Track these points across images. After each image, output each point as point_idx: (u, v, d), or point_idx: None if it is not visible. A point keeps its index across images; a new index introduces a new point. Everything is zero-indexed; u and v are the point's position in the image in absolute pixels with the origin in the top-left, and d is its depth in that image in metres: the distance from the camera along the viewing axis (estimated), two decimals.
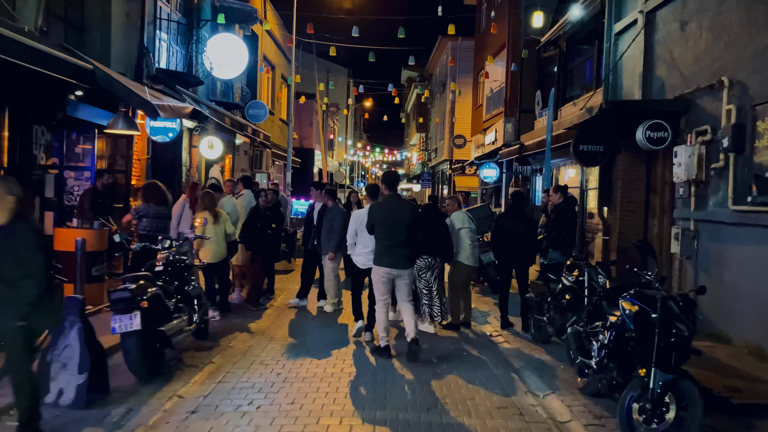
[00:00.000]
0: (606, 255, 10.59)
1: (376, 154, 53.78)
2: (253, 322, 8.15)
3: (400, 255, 6.47)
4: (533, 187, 17.19)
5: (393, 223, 6.47)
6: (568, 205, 8.90)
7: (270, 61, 21.42)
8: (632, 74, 9.85)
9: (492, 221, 11.12)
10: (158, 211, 7.99)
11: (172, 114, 9.36)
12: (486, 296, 10.89)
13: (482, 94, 23.89)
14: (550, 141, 10.83)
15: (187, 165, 13.47)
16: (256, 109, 17.48)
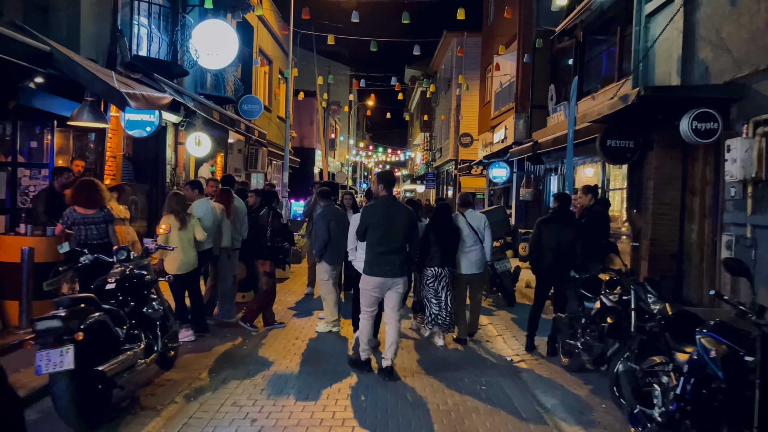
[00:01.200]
0: (635, 264, 9.42)
1: (379, 155, 52.61)
2: (235, 344, 7.01)
3: (394, 263, 5.81)
4: (547, 187, 16.02)
5: (388, 227, 5.81)
6: (604, 208, 7.74)
7: (267, 55, 20.30)
8: (668, 59, 8.69)
9: (507, 225, 9.98)
10: (85, 216, 6.32)
11: (147, 104, 8.24)
12: (500, 309, 9.73)
13: (490, 90, 22.74)
14: (573, 136, 9.70)
15: (172, 163, 12.35)
16: (250, 104, 16.36)
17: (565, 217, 7.02)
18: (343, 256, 7.77)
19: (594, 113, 8.79)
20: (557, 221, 6.97)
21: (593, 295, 5.94)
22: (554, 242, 6.86)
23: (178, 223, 6.99)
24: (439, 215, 7.47)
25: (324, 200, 7.94)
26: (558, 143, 12.95)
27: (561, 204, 7.04)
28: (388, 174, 6.36)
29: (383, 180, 6.11)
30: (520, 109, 18.02)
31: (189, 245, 7.02)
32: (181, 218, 7.01)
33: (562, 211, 7.03)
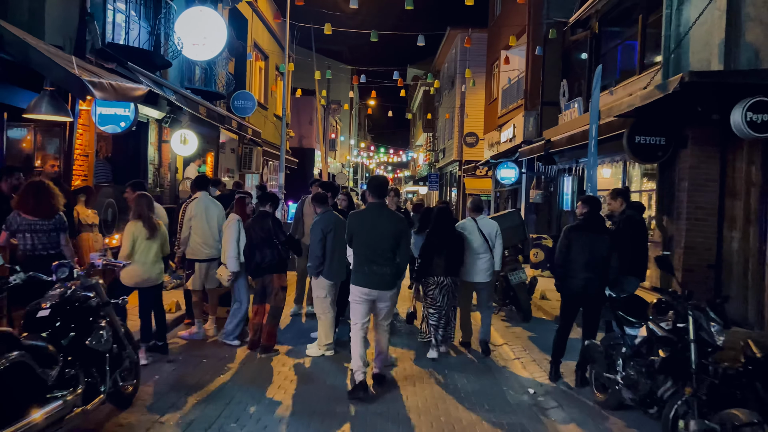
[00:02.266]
0: (665, 276, 8.41)
1: (381, 155, 51.63)
2: (210, 373, 6.01)
3: (379, 273, 5.48)
4: (560, 189, 15.02)
5: (371, 235, 5.50)
6: (638, 214, 6.72)
7: (262, 50, 19.32)
8: (706, 45, 7.69)
9: (523, 231, 8.98)
10: (32, 222, 5.39)
11: (116, 95, 7.25)
12: (515, 325, 8.73)
13: (497, 86, 21.74)
14: (596, 132, 8.70)
15: (155, 163, 11.36)
16: (243, 101, 15.39)
17: (597, 224, 6.02)
18: (344, 269, 6.80)
19: (623, 105, 7.78)
20: (589, 229, 5.96)
21: (637, 320, 4.93)
22: (586, 254, 5.84)
23: (147, 231, 6.01)
24: (439, 220, 6.98)
25: (320, 206, 6.93)
26: (573, 141, 11.96)
27: (591, 209, 6.02)
28: (377, 180, 5.90)
29: (371, 186, 5.75)
30: (530, 106, 17.03)
31: (157, 258, 6.06)
32: (149, 225, 6.04)
33: (593, 218, 6.02)
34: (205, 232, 7.27)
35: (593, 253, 5.87)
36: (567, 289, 6.01)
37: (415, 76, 44.91)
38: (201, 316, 7.30)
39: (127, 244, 5.95)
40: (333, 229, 6.68)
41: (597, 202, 6.11)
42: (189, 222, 7.26)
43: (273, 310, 6.61)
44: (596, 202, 6.11)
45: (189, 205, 7.38)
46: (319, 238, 6.58)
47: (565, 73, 15.59)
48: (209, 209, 7.37)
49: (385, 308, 5.63)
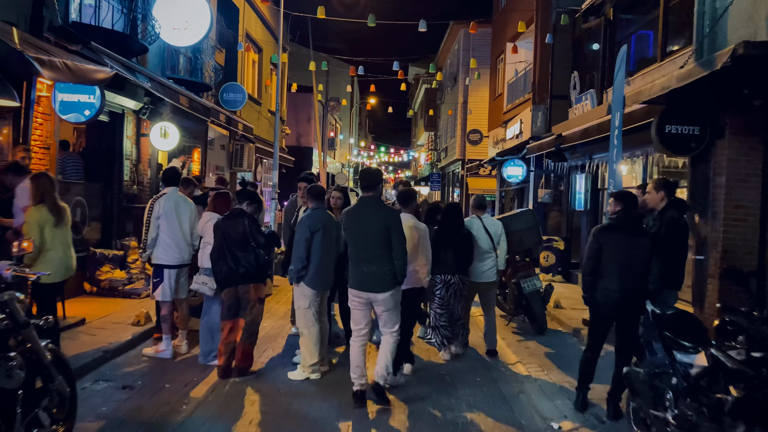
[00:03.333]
0: (700, 282, 7.45)
1: (381, 155, 50.66)
2: (169, 403, 5.05)
3: (371, 274, 5.05)
4: (571, 187, 14.05)
5: (360, 233, 5.12)
6: (680, 214, 5.73)
7: (255, 42, 18.36)
8: (749, 19, 6.71)
9: (538, 233, 8.01)
10: None
11: (72, 77, 6.31)
12: (529, 339, 7.75)
13: (502, 81, 20.79)
14: (621, 123, 7.72)
15: (133, 158, 10.41)
16: (232, 93, 14.43)
17: (633, 224, 5.05)
18: (332, 276, 5.96)
19: (654, 88, 6.79)
20: (624, 231, 4.99)
21: (692, 344, 3.96)
22: (621, 260, 4.89)
23: (53, 217, 5.08)
24: (449, 217, 6.65)
25: (314, 201, 5.94)
26: (588, 136, 10.98)
27: (626, 207, 5.06)
28: (366, 171, 5.45)
29: (360, 179, 5.45)
30: (538, 100, 16.09)
31: (68, 247, 5.25)
32: (55, 210, 5.11)
33: (629, 217, 5.05)
34: (176, 234, 6.31)
35: (630, 258, 4.92)
36: (597, 302, 5.04)
37: (416, 74, 43.99)
38: (170, 331, 6.32)
39: (35, 235, 4.96)
40: (321, 228, 5.72)
41: (633, 199, 5.14)
42: (156, 221, 6.30)
43: (249, 326, 5.63)
44: (632, 198, 5.15)
45: (156, 202, 6.42)
46: (304, 238, 5.62)
47: (575, 65, 14.65)
48: (180, 207, 6.40)
49: (384, 313, 5.12)
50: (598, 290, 5.03)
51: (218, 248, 5.59)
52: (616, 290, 4.90)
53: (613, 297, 4.93)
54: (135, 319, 7.15)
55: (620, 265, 4.92)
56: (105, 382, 5.33)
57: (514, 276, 7.99)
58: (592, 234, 5.19)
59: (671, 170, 10.43)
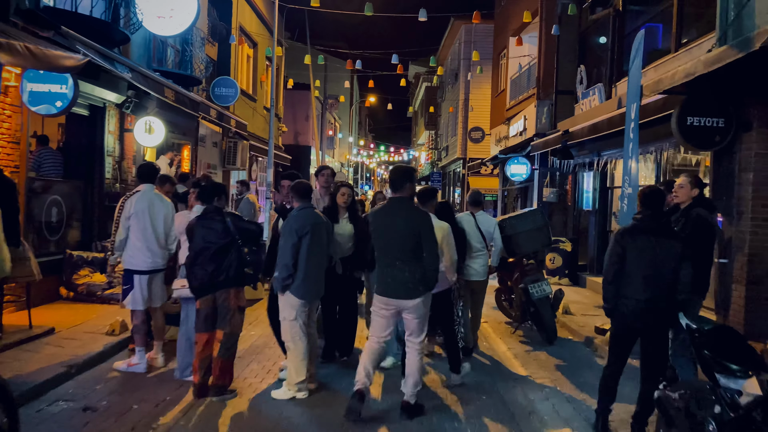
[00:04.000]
0: (724, 289, 6.85)
1: (381, 154, 50.07)
2: (142, 424, 4.45)
3: (400, 280, 4.72)
4: (578, 186, 13.46)
5: (387, 235, 4.82)
6: (709, 213, 5.13)
7: (250, 36, 17.76)
8: None
9: (547, 235, 7.42)
10: None
11: (36, 63, 5.70)
12: (537, 349, 7.16)
13: (504, 77, 20.20)
14: (638, 114, 7.11)
15: (116, 155, 9.83)
16: (224, 88, 13.84)
17: (661, 225, 4.47)
18: (323, 284, 5.38)
19: (677, 74, 6.17)
20: (651, 233, 4.40)
21: (740, 368, 3.36)
22: (648, 267, 4.32)
23: None
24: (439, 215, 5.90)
25: (300, 200, 5.34)
26: (597, 131, 10.42)
27: (655, 204, 4.47)
28: (396, 170, 5.06)
29: (390, 177, 5.08)
30: (543, 95, 15.51)
31: None
32: None
33: (657, 217, 4.46)
34: (147, 236, 5.72)
35: (657, 264, 4.33)
36: (620, 314, 4.45)
37: (416, 73, 43.39)
38: (143, 342, 5.72)
39: None
40: (310, 231, 5.13)
41: (661, 196, 4.55)
42: (126, 222, 5.71)
43: (227, 339, 5.02)
44: (659, 195, 4.56)
45: (128, 200, 5.82)
46: (291, 243, 5.03)
47: (582, 59, 14.07)
48: (154, 206, 5.81)
49: (413, 322, 4.80)
50: (620, 300, 4.44)
51: (194, 252, 4.98)
52: (642, 300, 4.33)
53: (637, 308, 4.34)
54: (109, 329, 6.56)
55: (646, 272, 4.34)
56: (65, 403, 4.74)
57: (522, 281, 7.40)
58: (614, 237, 4.60)
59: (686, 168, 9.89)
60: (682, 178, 5.55)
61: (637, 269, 4.35)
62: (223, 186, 5.67)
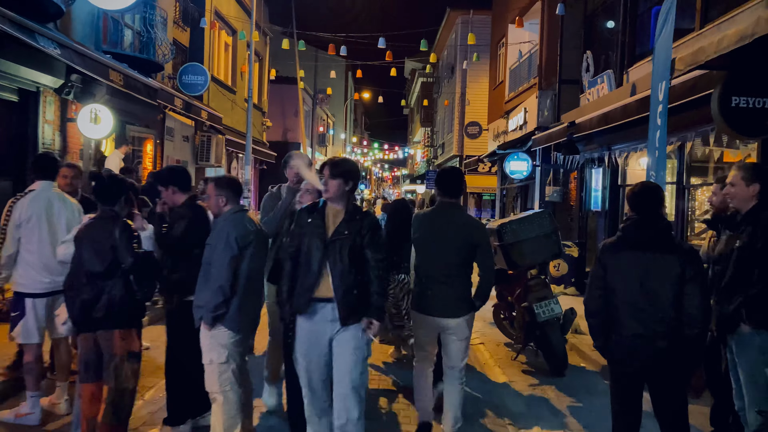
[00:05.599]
0: None
1: (376, 152, 48.78)
2: None
3: (442, 296, 4.16)
4: (586, 184, 12.18)
5: (434, 245, 4.24)
6: None
7: (228, 22, 16.45)
8: None
9: (557, 243, 6.13)
10: None
11: None
12: (545, 382, 5.86)
13: (503, 68, 18.94)
14: (666, 94, 5.83)
15: (55, 148, 8.53)
16: (192, 75, 12.55)
17: (654, 236, 3.29)
18: (260, 313, 4.08)
19: (725, 40, 4.87)
20: (642, 246, 3.28)
21: None
22: (639, 293, 3.25)
23: None
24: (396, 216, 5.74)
25: (233, 200, 4.03)
26: (609, 122, 9.15)
27: (645, 207, 3.32)
28: (452, 171, 4.54)
29: (438, 181, 4.47)
30: (545, 85, 14.25)
31: None
32: None
33: (646, 225, 3.29)
34: (44, 249, 4.39)
35: (650, 289, 3.23)
36: (611, 355, 3.39)
37: (413, 69, 42.17)
38: (36, 386, 4.40)
39: None
40: (253, 241, 3.84)
41: (654, 195, 3.35)
42: (16, 231, 4.40)
43: (114, 397, 3.63)
44: (653, 194, 3.35)
45: (18, 202, 4.50)
46: (229, 256, 3.72)
47: (588, 44, 12.85)
48: (54, 208, 4.49)
49: (455, 344, 4.25)
50: (610, 336, 3.36)
51: (70, 272, 3.67)
52: (629, 336, 3.25)
53: (630, 346, 3.26)
54: (10, 360, 5.24)
55: (633, 299, 3.24)
56: None
57: (525, 298, 6.10)
58: (598, 255, 3.45)
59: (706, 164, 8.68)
60: (734, 173, 4.26)
61: (623, 296, 3.26)
62: (131, 184, 4.36)
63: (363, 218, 3.62)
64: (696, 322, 3.15)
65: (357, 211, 3.66)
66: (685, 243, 3.42)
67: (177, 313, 3.96)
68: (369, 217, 3.66)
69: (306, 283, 3.54)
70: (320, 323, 3.56)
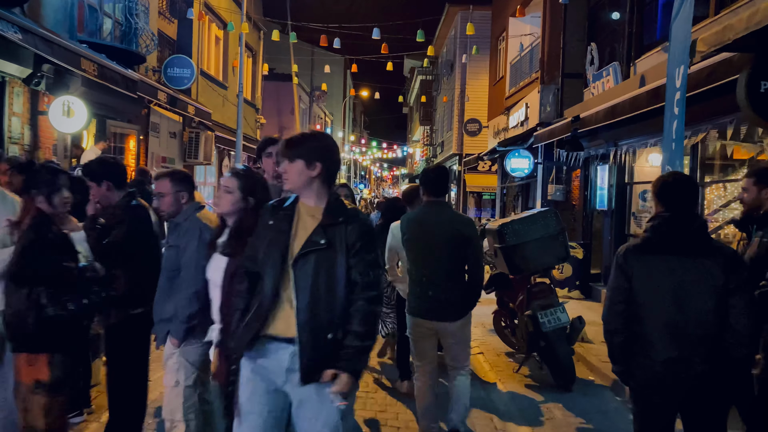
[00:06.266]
0: None
1: (374, 151, 48.24)
2: None
3: (440, 299, 4.03)
4: (591, 182, 11.63)
5: (427, 246, 4.10)
6: None
7: (219, 16, 15.89)
8: None
9: (563, 246, 5.57)
10: None
11: None
12: (551, 398, 5.30)
13: (503, 63, 18.40)
14: (685, 80, 5.27)
15: (24, 142, 7.97)
16: (177, 68, 11.98)
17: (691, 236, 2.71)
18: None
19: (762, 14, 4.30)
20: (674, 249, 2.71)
21: None
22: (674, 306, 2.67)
23: None
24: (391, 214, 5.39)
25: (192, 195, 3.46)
26: (616, 115, 8.63)
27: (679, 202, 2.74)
28: (430, 172, 4.40)
29: (425, 179, 4.28)
30: (547, 79, 13.71)
31: None
32: None
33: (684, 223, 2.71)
34: None
35: (686, 301, 2.66)
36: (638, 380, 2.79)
37: (412, 67, 41.67)
38: None
39: None
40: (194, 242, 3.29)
41: (690, 187, 2.81)
42: None
43: None
44: (688, 186, 2.80)
45: None
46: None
47: (592, 36, 12.35)
48: None
49: (455, 347, 4.19)
50: (634, 360, 2.76)
51: None
52: (662, 362, 2.66)
53: (663, 372, 2.67)
54: None
55: (667, 315, 2.66)
56: None
57: (528, 306, 5.54)
58: (616, 260, 2.84)
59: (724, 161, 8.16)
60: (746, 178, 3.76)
61: (654, 311, 2.67)
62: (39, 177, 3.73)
63: (350, 221, 2.51)
64: (744, 341, 2.59)
65: (341, 210, 2.55)
66: (726, 246, 2.84)
67: (117, 330, 3.38)
68: (359, 220, 2.56)
69: (258, 312, 2.51)
70: (272, 373, 2.49)
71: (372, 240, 2.57)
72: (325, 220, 2.50)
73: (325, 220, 2.50)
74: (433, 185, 4.18)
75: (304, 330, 2.40)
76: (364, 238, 2.51)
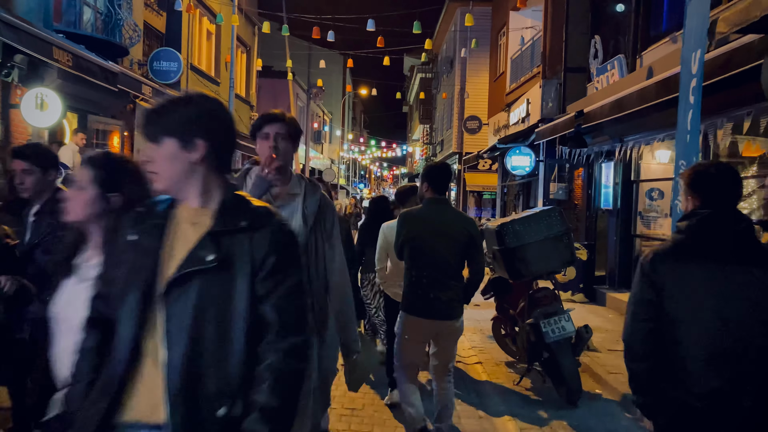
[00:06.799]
0: None
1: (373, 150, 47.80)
2: None
3: (443, 299, 3.93)
4: (595, 180, 11.18)
5: (431, 245, 3.97)
6: None
7: (210, 9, 15.42)
8: None
9: (569, 248, 5.11)
10: None
11: None
12: (554, 416, 4.82)
13: (504, 58, 17.97)
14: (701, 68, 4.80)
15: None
16: (164, 62, 11.52)
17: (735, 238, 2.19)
18: None
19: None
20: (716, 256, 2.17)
21: None
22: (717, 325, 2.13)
23: None
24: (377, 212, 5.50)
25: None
26: (622, 109, 8.20)
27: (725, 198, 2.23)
28: (434, 169, 4.18)
29: (429, 175, 4.09)
30: (549, 73, 13.27)
31: None
32: None
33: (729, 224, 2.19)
34: None
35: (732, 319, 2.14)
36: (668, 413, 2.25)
37: (412, 66, 41.26)
38: None
39: None
40: None
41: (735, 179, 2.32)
42: None
43: None
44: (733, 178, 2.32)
45: None
46: None
47: (596, 28, 11.91)
48: None
49: (447, 346, 4.11)
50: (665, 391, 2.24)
51: None
52: (702, 394, 2.13)
53: (702, 408, 2.14)
54: None
55: (710, 335, 2.14)
56: None
57: (530, 314, 5.06)
58: (641, 268, 2.29)
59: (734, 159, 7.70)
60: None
61: (690, 330, 2.15)
62: None
63: (258, 226, 1.65)
64: None
65: (242, 209, 1.68)
66: None
67: None
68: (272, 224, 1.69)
69: (105, 384, 1.62)
70: None
71: (295, 255, 1.72)
72: (217, 226, 1.63)
73: (217, 225, 1.63)
74: (438, 181, 4.07)
75: (179, 405, 1.53)
76: (283, 252, 1.65)
